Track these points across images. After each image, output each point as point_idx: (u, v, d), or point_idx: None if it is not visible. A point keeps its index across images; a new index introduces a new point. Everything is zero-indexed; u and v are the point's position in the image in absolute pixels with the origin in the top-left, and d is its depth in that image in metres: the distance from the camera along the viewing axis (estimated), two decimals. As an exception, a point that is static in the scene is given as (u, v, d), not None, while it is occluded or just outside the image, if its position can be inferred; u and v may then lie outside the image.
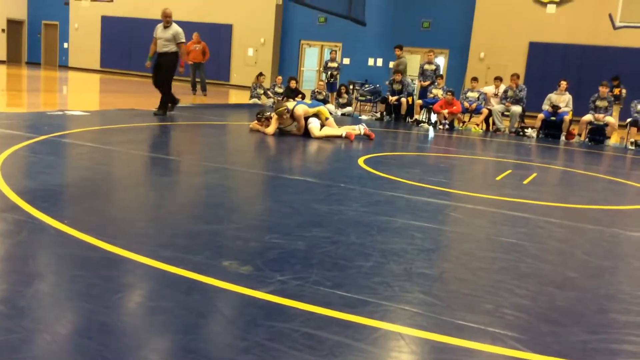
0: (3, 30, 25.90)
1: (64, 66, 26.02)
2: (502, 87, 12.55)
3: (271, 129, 8.27)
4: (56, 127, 6.95)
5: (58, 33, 26.47)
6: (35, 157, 5.10)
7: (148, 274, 2.58)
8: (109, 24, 24.80)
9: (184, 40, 9.41)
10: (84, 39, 25.33)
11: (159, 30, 9.29)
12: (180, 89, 17.72)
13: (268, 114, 8.50)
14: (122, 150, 5.84)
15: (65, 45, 26.26)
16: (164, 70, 9.26)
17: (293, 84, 13.92)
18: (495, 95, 12.55)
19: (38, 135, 6.14)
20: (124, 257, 2.73)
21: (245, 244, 3.14)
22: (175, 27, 9.29)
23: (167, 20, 9.26)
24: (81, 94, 14.34)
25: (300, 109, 8.35)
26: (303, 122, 8.30)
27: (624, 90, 11.83)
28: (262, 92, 14.23)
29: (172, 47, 9.26)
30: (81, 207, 3.69)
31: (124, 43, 24.49)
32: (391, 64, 13.77)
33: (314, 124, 8.30)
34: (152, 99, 12.90)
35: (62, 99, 12.57)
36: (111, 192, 4.25)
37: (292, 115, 8.35)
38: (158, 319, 2.14)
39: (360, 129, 8.68)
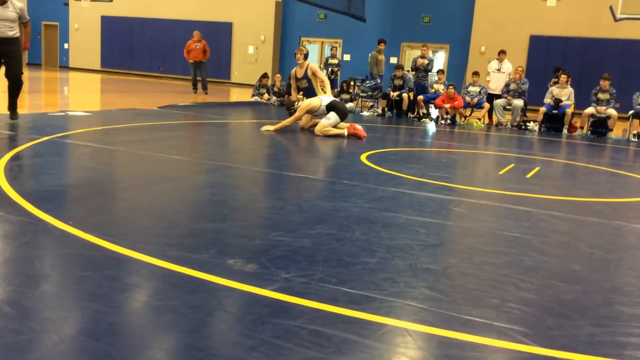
0: (3, 32, 25.89)
1: (65, 67, 26.03)
2: (506, 62, 12.50)
3: (291, 119, 8.34)
4: (58, 127, 6.96)
5: (58, 34, 26.48)
6: (39, 158, 5.11)
7: (153, 274, 2.58)
8: (109, 24, 24.80)
9: (28, 17, 7.22)
10: (84, 39, 25.34)
11: None
12: (181, 87, 17.74)
13: (297, 105, 8.55)
14: (125, 150, 5.85)
15: (66, 45, 26.27)
16: (14, 62, 7.09)
17: (294, 81, 13.90)
18: (498, 70, 12.48)
19: (40, 136, 6.14)
20: (129, 256, 2.74)
21: (250, 242, 3.14)
22: (17, 3, 7.04)
23: None
24: (82, 94, 14.35)
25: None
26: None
27: (569, 79, 11.91)
28: (264, 91, 14.26)
29: (17, 31, 7.07)
30: (85, 208, 3.69)
31: (124, 43, 24.51)
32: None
33: (330, 122, 8.20)
34: (156, 99, 12.92)
35: (63, 100, 12.58)
36: (115, 192, 4.26)
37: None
38: (164, 318, 2.15)
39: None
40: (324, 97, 8.53)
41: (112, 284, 2.40)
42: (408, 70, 14.14)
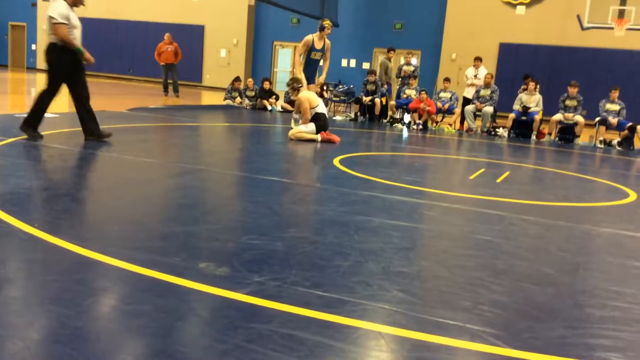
0: (-32, 32, 25.27)
1: (32, 68, 25.52)
2: (482, 69, 12.68)
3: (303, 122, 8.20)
4: (25, 129, 6.78)
5: (26, 34, 25.96)
6: (4, 160, 4.97)
7: (122, 277, 2.52)
8: (78, 25, 24.39)
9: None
10: (52, 41, 24.86)
11: (71, 16, 6.43)
12: (152, 90, 17.54)
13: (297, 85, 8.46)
14: (94, 153, 5.74)
15: (34, 46, 25.77)
16: (83, 74, 6.76)
17: (267, 85, 13.88)
18: (475, 76, 12.66)
19: (6, 137, 5.99)
20: (97, 260, 2.67)
21: (221, 245, 3.10)
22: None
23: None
24: (50, 96, 14.04)
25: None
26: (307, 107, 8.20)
27: (538, 86, 12.23)
28: (237, 94, 14.19)
29: None
30: (52, 211, 3.60)
31: (95, 45, 24.08)
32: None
33: (306, 129, 8.11)
34: (126, 101, 12.73)
35: (30, 101, 12.31)
36: (83, 195, 4.17)
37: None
38: (133, 322, 2.10)
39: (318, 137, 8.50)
40: (321, 103, 8.43)
41: (80, 288, 2.34)
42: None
